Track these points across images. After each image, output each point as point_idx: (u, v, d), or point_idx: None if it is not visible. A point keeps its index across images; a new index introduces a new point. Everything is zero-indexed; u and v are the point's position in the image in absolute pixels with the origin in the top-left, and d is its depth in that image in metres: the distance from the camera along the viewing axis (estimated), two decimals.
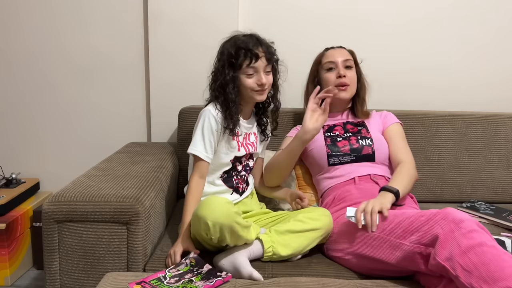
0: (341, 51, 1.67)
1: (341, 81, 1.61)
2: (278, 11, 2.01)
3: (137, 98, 2.10)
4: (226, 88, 1.41)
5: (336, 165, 1.59)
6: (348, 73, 1.63)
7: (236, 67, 1.41)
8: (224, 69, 1.42)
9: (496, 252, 1.03)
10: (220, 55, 1.44)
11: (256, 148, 1.55)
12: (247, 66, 1.40)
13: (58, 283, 1.30)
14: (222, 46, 1.45)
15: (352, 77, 1.64)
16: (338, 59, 1.63)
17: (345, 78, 1.61)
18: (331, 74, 1.64)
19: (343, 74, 1.61)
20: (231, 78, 1.41)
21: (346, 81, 1.61)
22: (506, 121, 1.90)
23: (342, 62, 1.63)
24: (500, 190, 1.87)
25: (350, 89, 1.64)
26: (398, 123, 1.70)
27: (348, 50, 1.70)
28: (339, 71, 1.62)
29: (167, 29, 1.96)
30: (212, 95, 1.48)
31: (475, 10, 2.02)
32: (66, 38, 2.06)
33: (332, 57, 1.64)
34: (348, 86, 1.63)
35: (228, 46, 1.43)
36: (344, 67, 1.63)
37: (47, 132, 2.15)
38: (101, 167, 1.56)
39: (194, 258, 1.24)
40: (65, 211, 1.27)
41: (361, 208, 1.29)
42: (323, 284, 1.17)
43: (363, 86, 1.69)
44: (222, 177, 1.49)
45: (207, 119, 1.42)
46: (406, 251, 1.15)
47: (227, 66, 1.41)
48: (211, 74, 1.47)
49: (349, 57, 1.66)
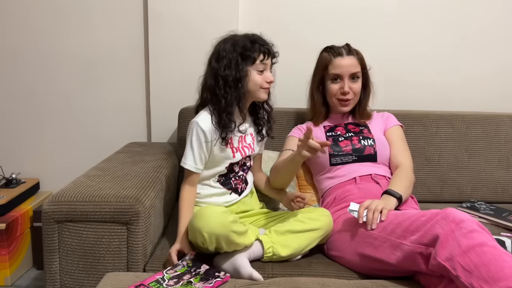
0: (350, 61, 1.59)
1: (344, 97, 1.60)
2: (279, 11, 2.01)
3: (137, 98, 2.10)
4: (238, 84, 1.36)
5: (338, 165, 1.58)
6: (353, 85, 1.60)
7: (249, 61, 1.37)
8: (237, 62, 1.36)
9: (497, 252, 1.03)
10: (232, 48, 1.37)
11: (253, 150, 1.52)
12: (261, 62, 1.39)
13: (58, 283, 1.30)
14: (229, 42, 1.38)
15: (357, 88, 1.61)
16: (346, 72, 1.58)
17: (349, 94, 1.60)
18: (335, 86, 1.61)
19: (347, 90, 1.58)
20: (245, 72, 1.37)
21: (349, 96, 1.60)
22: (506, 121, 1.90)
23: (349, 75, 1.59)
24: (500, 190, 1.87)
25: (353, 102, 1.63)
26: (399, 125, 1.70)
27: (358, 56, 1.62)
28: (344, 87, 1.58)
29: (167, 29, 1.96)
30: (207, 99, 1.41)
31: (475, 10, 2.02)
32: (66, 38, 2.06)
33: (339, 69, 1.58)
34: (351, 100, 1.62)
35: (240, 40, 1.38)
36: (350, 79, 1.60)
37: (47, 132, 2.15)
38: (101, 167, 1.56)
39: (190, 260, 1.24)
40: (65, 211, 1.27)
41: (365, 204, 1.31)
42: (323, 284, 1.17)
43: (368, 93, 1.67)
44: (220, 181, 1.47)
45: (195, 132, 1.38)
46: (406, 251, 1.15)
47: (241, 60, 1.37)
48: (216, 75, 1.38)
49: (357, 69, 1.60)
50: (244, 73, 1.37)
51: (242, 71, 1.36)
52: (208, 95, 1.41)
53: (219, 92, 1.37)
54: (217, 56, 1.39)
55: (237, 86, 1.37)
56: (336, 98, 1.62)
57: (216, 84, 1.38)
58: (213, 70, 1.39)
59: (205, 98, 1.43)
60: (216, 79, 1.38)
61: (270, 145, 1.81)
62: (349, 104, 1.62)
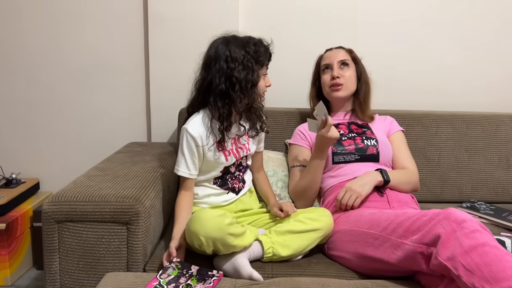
0: (338, 52, 1.68)
1: (334, 82, 1.63)
2: (279, 13, 2.02)
3: (137, 98, 2.10)
4: (253, 88, 1.34)
5: (341, 163, 1.59)
6: (344, 72, 1.64)
7: (259, 65, 1.36)
8: (253, 66, 1.33)
9: (499, 252, 1.02)
10: (245, 51, 1.33)
11: (248, 150, 1.50)
12: (266, 66, 1.39)
13: (58, 283, 1.30)
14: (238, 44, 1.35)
15: (348, 76, 1.65)
16: (334, 60, 1.65)
17: (339, 78, 1.63)
18: (326, 76, 1.67)
19: (337, 75, 1.63)
20: (259, 76, 1.36)
21: (340, 81, 1.63)
22: (506, 121, 1.90)
23: (338, 63, 1.65)
24: (500, 190, 1.87)
25: (346, 88, 1.64)
26: (402, 131, 1.72)
27: (347, 49, 1.70)
28: (333, 72, 1.64)
29: (167, 30, 1.96)
30: (207, 102, 1.37)
31: (474, 11, 2.02)
32: (66, 39, 2.06)
33: (328, 59, 1.67)
34: (342, 85, 1.63)
35: (249, 43, 1.35)
36: (340, 67, 1.65)
37: (47, 132, 2.15)
38: (101, 167, 1.56)
39: (178, 262, 1.24)
40: (65, 211, 1.27)
41: (344, 188, 1.45)
42: (323, 284, 1.16)
43: (365, 84, 1.68)
44: (216, 183, 1.47)
45: (185, 139, 1.38)
46: (407, 251, 1.15)
47: (255, 63, 1.35)
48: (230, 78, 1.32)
49: (346, 57, 1.66)
50: (258, 78, 1.37)
51: (258, 76, 1.36)
52: (213, 98, 1.35)
53: (234, 96, 1.33)
54: (226, 58, 1.33)
55: (252, 90, 1.35)
56: (329, 86, 1.65)
57: (230, 87, 1.33)
58: (223, 72, 1.33)
59: (202, 101, 1.40)
60: (230, 82, 1.32)
61: (270, 145, 1.81)
62: (341, 89, 1.64)
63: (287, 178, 1.72)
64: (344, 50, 1.69)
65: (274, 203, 1.49)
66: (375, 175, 1.48)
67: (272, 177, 1.69)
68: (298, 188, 1.60)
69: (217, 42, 1.39)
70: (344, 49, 1.70)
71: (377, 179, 1.47)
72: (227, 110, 1.35)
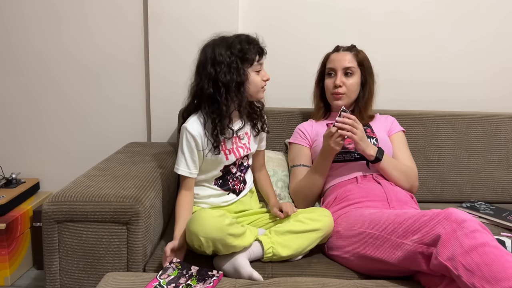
0: (344, 56, 1.63)
1: (335, 90, 1.62)
2: (280, 11, 2.02)
3: (137, 98, 2.10)
4: (240, 88, 1.33)
5: (340, 162, 1.59)
6: (347, 80, 1.62)
7: (248, 63, 1.35)
8: (238, 66, 1.32)
9: (499, 252, 1.02)
10: (229, 52, 1.33)
11: (249, 149, 1.49)
12: (257, 62, 1.37)
13: (58, 283, 1.30)
14: (223, 46, 1.34)
15: (351, 84, 1.62)
16: (339, 66, 1.62)
17: (341, 88, 1.61)
18: (330, 81, 1.65)
19: (339, 83, 1.61)
20: (246, 75, 1.34)
21: (341, 90, 1.61)
22: (506, 121, 1.90)
23: (342, 70, 1.62)
24: (500, 190, 1.87)
25: (346, 97, 1.63)
26: (403, 131, 1.71)
27: (354, 53, 1.64)
28: (336, 80, 1.61)
29: (167, 29, 1.96)
30: (201, 107, 1.38)
31: (474, 9, 2.02)
32: (66, 38, 2.06)
33: (333, 63, 1.64)
34: (343, 95, 1.62)
35: (234, 43, 1.34)
36: (344, 74, 1.62)
37: (47, 132, 2.15)
38: (101, 167, 1.56)
39: (178, 262, 1.23)
40: (65, 211, 1.27)
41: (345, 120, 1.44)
42: (323, 284, 1.16)
43: (368, 92, 1.66)
44: (217, 183, 1.47)
45: (185, 138, 1.37)
46: (407, 251, 1.15)
47: (241, 63, 1.33)
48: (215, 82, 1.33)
49: (351, 64, 1.62)
50: (245, 77, 1.35)
51: (243, 75, 1.34)
52: (204, 103, 1.36)
53: (220, 100, 1.33)
54: (212, 62, 1.34)
55: (239, 90, 1.34)
56: (331, 93, 1.64)
57: (216, 91, 1.33)
58: (210, 76, 1.33)
59: (196, 105, 1.41)
60: (216, 85, 1.33)
61: (270, 145, 1.81)
62: (341, 98, 1.63)
63: (287, 178, 1.72)
64: (351, 54, 1.64)
65: (274, 203, 1.49)
66: (373, 148, 1.50)
67: (272, 177, 1.68)
68: (298, 188, 1.60)
69: (206, 46, 1.39)
70: (351, 53, 1.64)
71: (372, 149, 1.49)
72: (217, 115, 1.35)
